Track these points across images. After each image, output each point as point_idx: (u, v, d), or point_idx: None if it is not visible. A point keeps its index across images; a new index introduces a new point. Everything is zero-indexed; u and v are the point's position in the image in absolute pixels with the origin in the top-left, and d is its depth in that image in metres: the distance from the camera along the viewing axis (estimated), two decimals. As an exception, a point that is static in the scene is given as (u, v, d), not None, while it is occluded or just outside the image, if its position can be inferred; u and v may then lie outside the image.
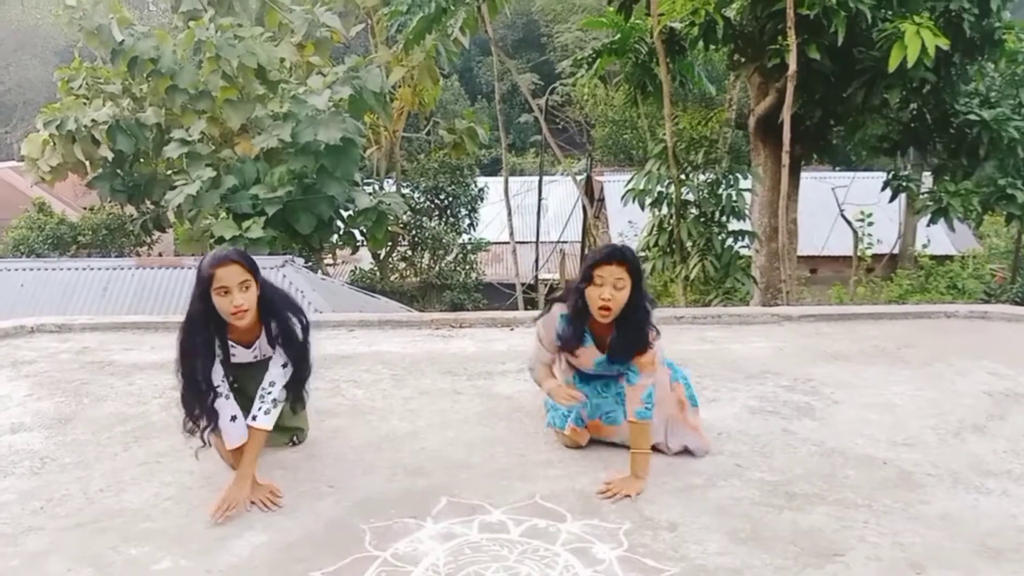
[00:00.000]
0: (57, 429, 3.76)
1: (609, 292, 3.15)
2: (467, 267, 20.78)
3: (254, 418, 3.07)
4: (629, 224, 15.94)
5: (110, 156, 17.91)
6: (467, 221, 21.77)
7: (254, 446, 3.06)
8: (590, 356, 3.38)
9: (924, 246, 16.34)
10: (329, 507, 2.97)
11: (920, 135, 8.94)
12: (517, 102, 31.99)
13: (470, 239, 21.39)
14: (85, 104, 18.17)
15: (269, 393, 3.10)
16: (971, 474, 3.27)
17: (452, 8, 9.53)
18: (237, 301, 2.95)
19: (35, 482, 3.21)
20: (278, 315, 3.11)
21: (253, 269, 3.01)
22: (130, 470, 3.31)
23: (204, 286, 2.96)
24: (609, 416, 3.45)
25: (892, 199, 9.72)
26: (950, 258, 15.71)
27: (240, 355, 3.17)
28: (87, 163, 18.18)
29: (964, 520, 2.90)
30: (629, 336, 3.24)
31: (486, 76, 33.36)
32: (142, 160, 18.78)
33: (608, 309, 3.18)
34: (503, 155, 17.13)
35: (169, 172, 18.06)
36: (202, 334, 3.03)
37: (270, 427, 3.11)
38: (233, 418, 3.06)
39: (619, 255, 3.18)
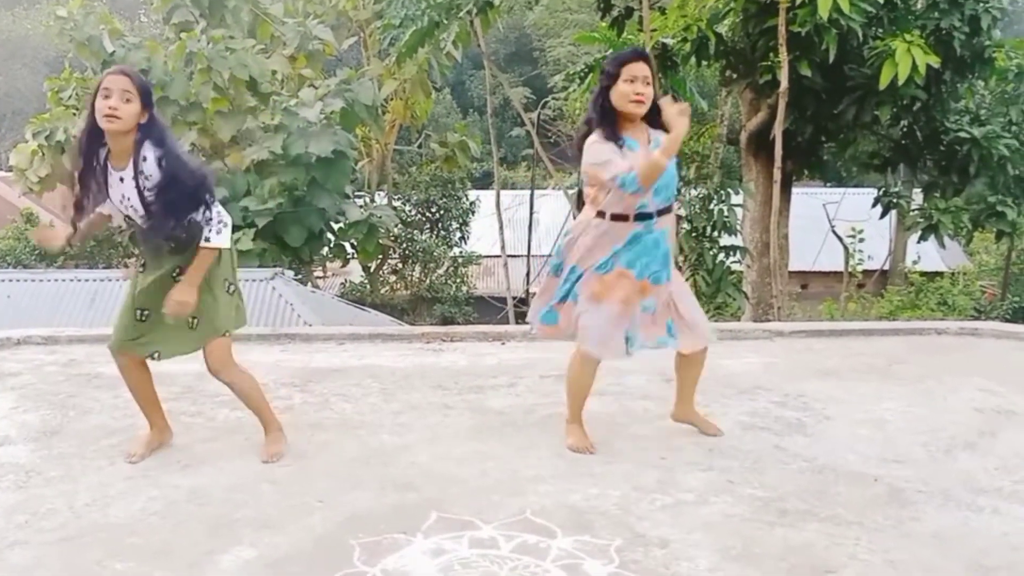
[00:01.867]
0: (43, 442, 3.72)
1: (641, 87, 3.33)
2: (458, 280, 20.76)
3: (207, 240, 3.23)
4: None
5: (100, 167, 17.86)
6: (458, 234, 21.78)
7: (200, 266, 3.25)
8: (643, 152, 3.38)
9: (914, 262, 16.44)
10: (319, 522, 2.94)
11: (911, 152, 8.99)
12: (509, 116, 32.06)
13: (461, 252, 21.39)
14: (75, 115, 18.12)
15: (208, 220, 3.24)
16: (962, 491, 3.26)
17: (445, 22, 9.55)
18: (112, 103, 3.10)
19: (20, 496, 3.17)
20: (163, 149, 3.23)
21: (142, 90, 3.17)
22: (116, 484, 3.27)
23: (94, 92, 3.16)
24: (655, 275, 3.49)
25: (883, 215, 9.77)
26: (940, 274, 15.81)
27: (112, 181, 3.29)
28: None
29: (956, 538, 2.89)
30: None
31: (478, 90, 33.44)
32: (132, 171, 18.74)
33: (642, 102, 3.33)
34: (495, 168, 17.15)
35: (159, 183, 18.00)
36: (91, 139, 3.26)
37: (225, 244, 3.30)
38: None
39: (643, 54, 3.44)
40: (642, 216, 3.43)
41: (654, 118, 3.42)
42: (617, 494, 3.19)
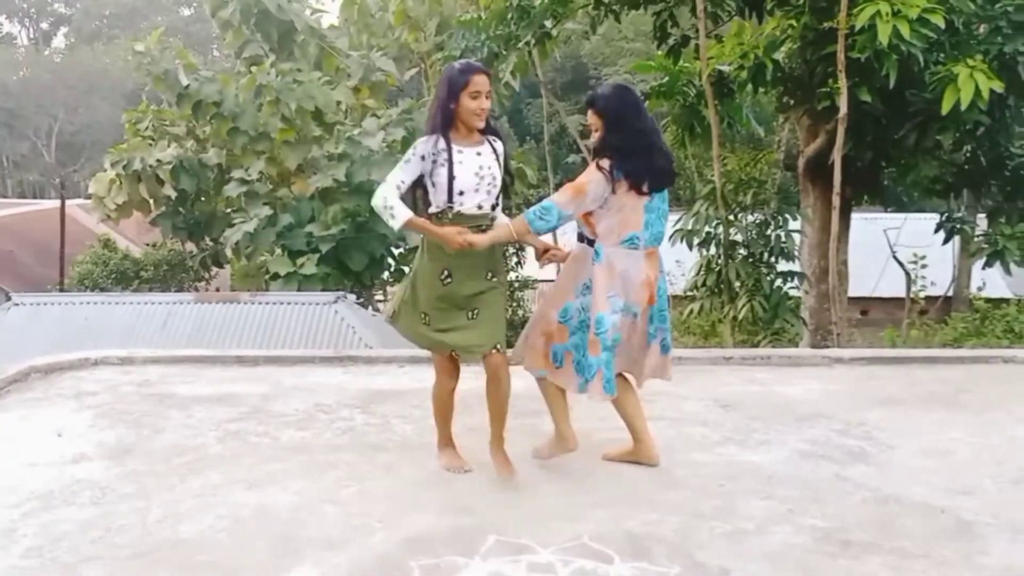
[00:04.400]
0: (117, 460, 3.87)
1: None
2: (514, 305, 20.84)
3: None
4: (676, 263, 15.90)
5: (173, 195, 18.51)
6: (515, 259, 21.88)
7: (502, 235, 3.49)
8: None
9: (979, 289, 15.96)
10: (379, 543, 3.01)
11: (974, 177, 8.80)
12: (565, 143, 32.18)
13: (517, 277, 21.47)
14: (151, 145, 18.85)
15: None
16: (1032, 525, 3.18)
17: (504, 53, 9.71)
18: (484, 104, 3.41)
19: (95, 512, 3.30)
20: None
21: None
22: (186, 501, 3.39)
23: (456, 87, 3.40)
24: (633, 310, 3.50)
25: (946, 241, 9.55)
26: (1006, 301, 15.29)
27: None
28: (151, 201, 18.80)
29: (1025, 572, 2.82)
30: None
31: (535, 117, 33.67)
32: (203, 199, 19.37)
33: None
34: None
35: (228, 210, 18.57)
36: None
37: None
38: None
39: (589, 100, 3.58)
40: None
41: None
42: (675, 521, 3.18)
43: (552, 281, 3.86)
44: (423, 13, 18.76)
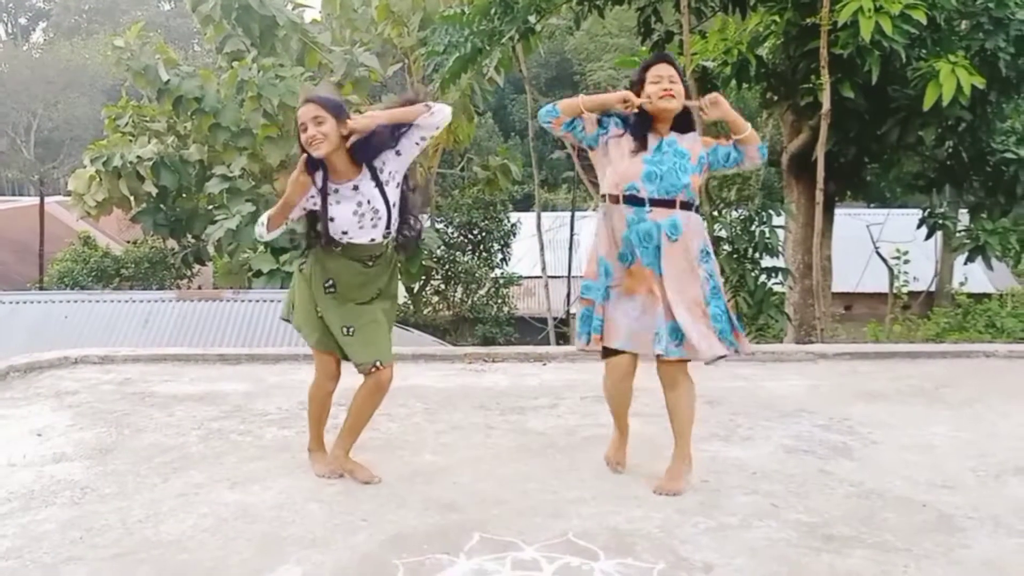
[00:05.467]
0: (98, 459, 3.84)
1: (668, 85, 3.37)
2: (499, 301, 20.82)
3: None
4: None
5: (154, 192, 18.34)
6: (500, 256, 21.86)
7: (398, 113, 3.31)
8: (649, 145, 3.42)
9: (961, 284, 16.07)
10: (363, 541, 2.99)
11: (956, 173, 8.86)
12: (550, 139, 32.15)
13: (502, 273, 21.46)
14: (131, 141, 18.66)
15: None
16: (1013, 518, 3.20)
17: (488, 48, 9.67)
18: (311, 133, 3.24)
19: (75, 512, 3.27)
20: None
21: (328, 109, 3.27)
22: (168, 501, 3.36)
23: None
24: (649, 263, 3.39)
25: (928, 237, 9.61)
26: (988, 296, 15.42)
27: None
28: (131, 198, 18.61)
29: (1007, 565, 2.84)
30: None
31: (520, 113, 33.69)
32: (184, 195, 19.20)
33: (672, 95, 3.37)
34: (536, 191, 17.22)
35: (210, 207, 18.43)
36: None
37: (445, 111, 3.31)
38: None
39: (666, 57, 3.50)
40: (631, 200, 3.39)
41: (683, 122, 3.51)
42: (660, 517, 3.19)
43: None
44: (406, 8, 18.68)
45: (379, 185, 3.34)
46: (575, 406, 4.64)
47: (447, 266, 20.72)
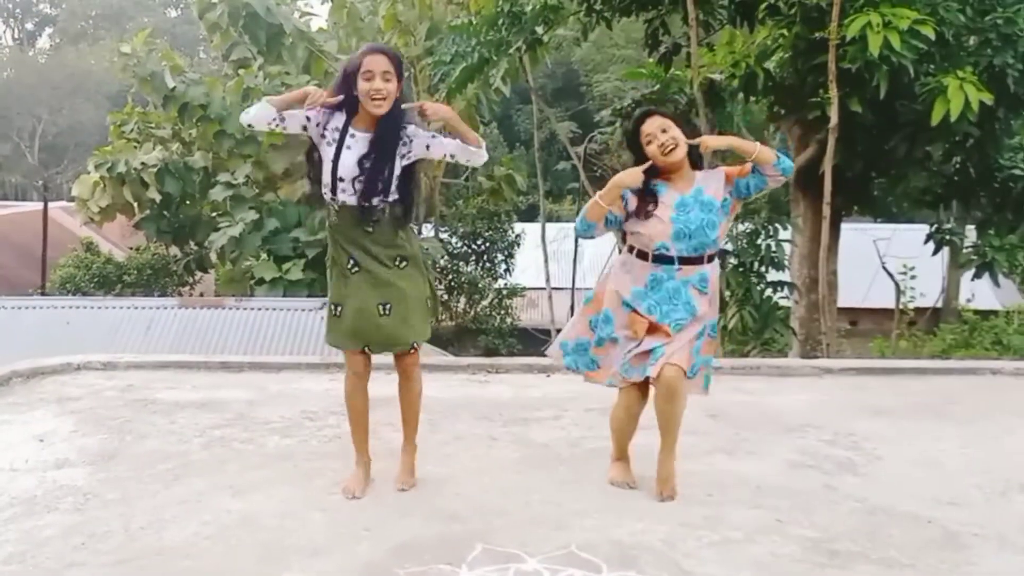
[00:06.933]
0: (100, 466, 3.83)
1: (665, 138, 3.36)
2: (502, 312, 20.81)
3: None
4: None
5: (158, 198, 18.37)
6: (503, 266, 21.86)
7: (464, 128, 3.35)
8: (667, 203, 3.41)
9: (968, 300, 16.06)
10: (366, 551, 2.98)
11: (964, 188, 8.85)
12: (555, 150, 32.23)
13: (506, 284, 21.45)
14: (136, 147, 18.70)
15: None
16: (1019, 536, 3.18)
17: (494, 58, 9.70)
18: (377, 85, 3.21)
19: (78, 518, 3.26)
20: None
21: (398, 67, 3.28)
22: (170, 508, 3.34)
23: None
24: (678, 323, 3.40)
25: (935, 252, 9.60)
26: (995, 313, 15.40)
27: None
28: (135, 204, 18.65)
29: (1014, 584, 2.82)
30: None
31: (525, 124, 33.73)
32: (188, 202, 19.23)
33: (672, 149, 3.36)
34: (540, 201, 17.25)
35: (213, 214, 18.46)
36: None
37: (483, 155, 3.37)
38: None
39: (649, 111, 3.50)
40: (660, 259, 3.42)
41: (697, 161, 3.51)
42: (663, 530, 3.17)
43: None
44: (413, 18, 18.74)
45: (387, 141, 3.32)
46: (579, 418, 4.62)
47: (450, 276, 20.72)
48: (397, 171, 3.34)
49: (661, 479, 3.51)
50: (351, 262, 3.38)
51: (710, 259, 3.46)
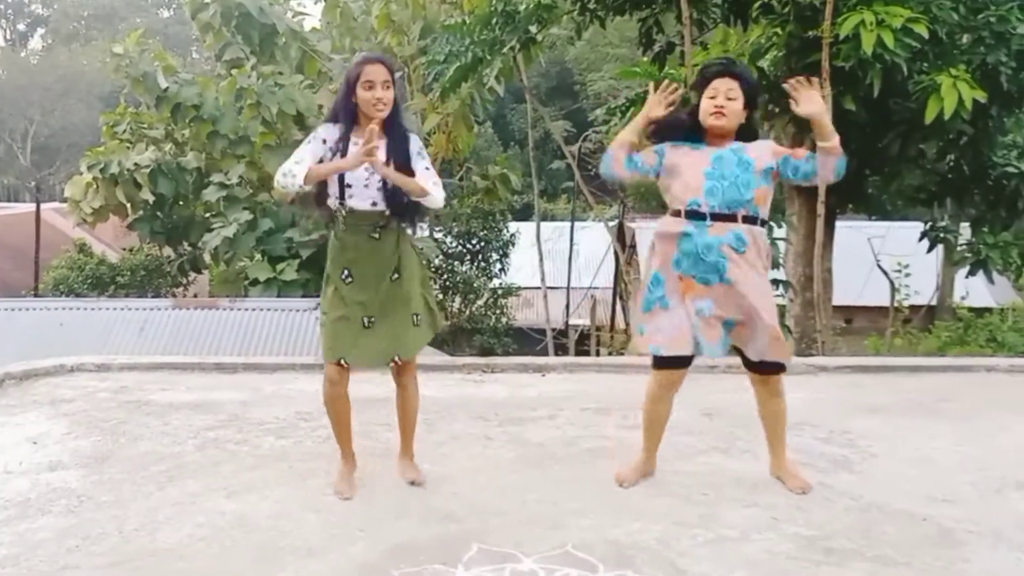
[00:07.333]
0: (94, 468, 3.81)
1: (723, 100, 3.31)
2: (498, 312, 20.80)
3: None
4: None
5: (151, 199, 18.30)
6: (498, 266, 21.84)
7: (405, 180, 3.31)
8: (705, 155, 3.37)
9: (962, 298, 16.08)
10: (361, 551, 2.97)
11: (957, 186, 8.86)
12: (550, 149, 32.28)
13: (501, 284, 21.44)
14: (128, 148, 18.62)
15: (436, 182, 3.36)
16: (1014, 532, 3.19)
17: (488, 58, 9.69)
18: (380, 94, 3.31)
19: (71, 520, 3.24)
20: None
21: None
22: (164, 509, 3.33)
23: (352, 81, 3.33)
24: (703, 277, 3.36)
25: (929, 250, 9.61)
26: (989, 310, 15.43)
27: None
28: (128, 205, 18.57)
29: (1009, 581, 2.82)
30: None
31: (519, 123, 33.76)
32: (181, 203, 19.16)
33: (722, 114, 3.30)
34: (535, 201, 17.25)
35: (207, 215, 18.39)
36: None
37: (438, 202, 3.36)
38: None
39: (731, 69, 3.40)
40: (692, 214, 3.36)
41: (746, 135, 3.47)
42: (659, 529, 3.17)
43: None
44: (406, 17, 18.70)
45: (394, 150, 3.35)
46: (574, 417, 4.62)
47: (445, 276, 20.70)
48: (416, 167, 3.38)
49: (791, 475, 3.56)
50: (345, 273, 3.41)
51: (746, 219, 3.35)
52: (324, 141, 3.40)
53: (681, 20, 8.57)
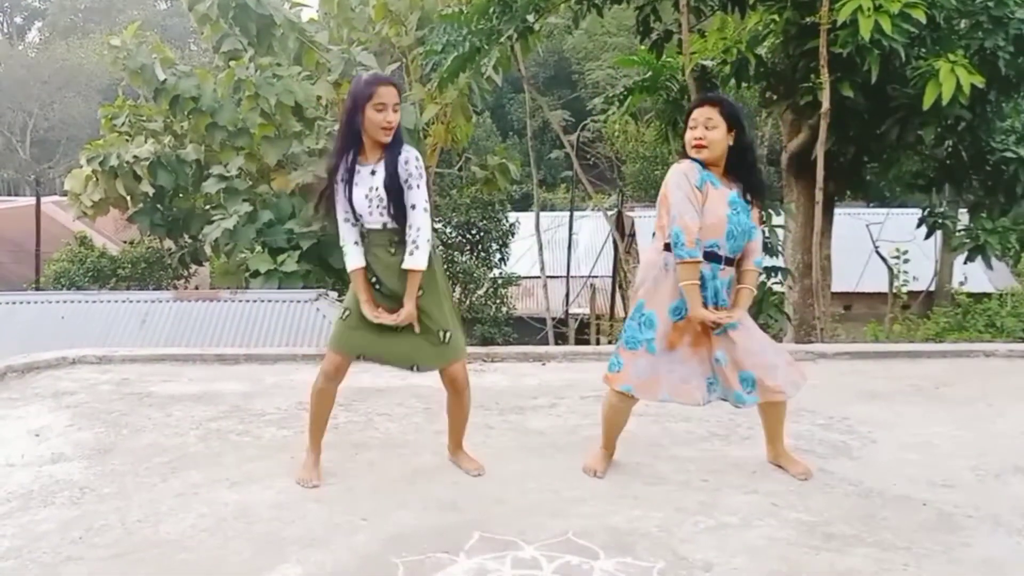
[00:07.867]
0: (96, 460, 3.83)
1: (702, 131, 3.36)
2: (498, 301, 20.81)
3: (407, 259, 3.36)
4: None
5: (151, 191, 18.29)
6: (498, 256, 21.85)
7: (413, 284, 3.35)
8: (723, 196, 3.40)
9: (961, 283, 16.08)
10: (363, 541, 2.99)
11: (956, 172, 8.85)
12: (548, 138, 32.23)
13: (501, 273, 21.45)
14: (128, 141, 18.60)
15: (418, 233, 3.34)
16: (1013, 517, 3.20)
17: (486, 47, 9.65)
18: (391, 117, 3.30)
19: (74, 512, 3.26)
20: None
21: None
22: (167, 501, 3.35)
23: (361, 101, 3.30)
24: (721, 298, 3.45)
25: (928, 236, 9.61)
26: (988, 296, 15.44)
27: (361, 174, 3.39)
28: (128, 198, 18.57)
29: (1007, 564, 2.84)
30: (751, 177, 3.49)
31: (518, 113, 33.67)
32: (181, 195, 19.16)
33: (703, 146, 3.35)
34: (534, 190, 17.24)
35: (207, 207, 18.39)
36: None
37: (422, 266, 3.35)
38: (355, 243, 3.47)
39: (708, 99, 3.46)
40: (710, 256, 3.38)
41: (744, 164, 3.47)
42: (659, 516, 3.18)
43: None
44: (404, 7, 18.65)
45: (391, 175, 3.36)
46: (574, 406, 4.63)
47: (445, 266, 20.71)
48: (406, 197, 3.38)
49: (793, 461, 3.64)
50: (375, 279, 3.48)
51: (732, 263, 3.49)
52: (340, 179, 3.43)
53: (678, 8, 8.54)
